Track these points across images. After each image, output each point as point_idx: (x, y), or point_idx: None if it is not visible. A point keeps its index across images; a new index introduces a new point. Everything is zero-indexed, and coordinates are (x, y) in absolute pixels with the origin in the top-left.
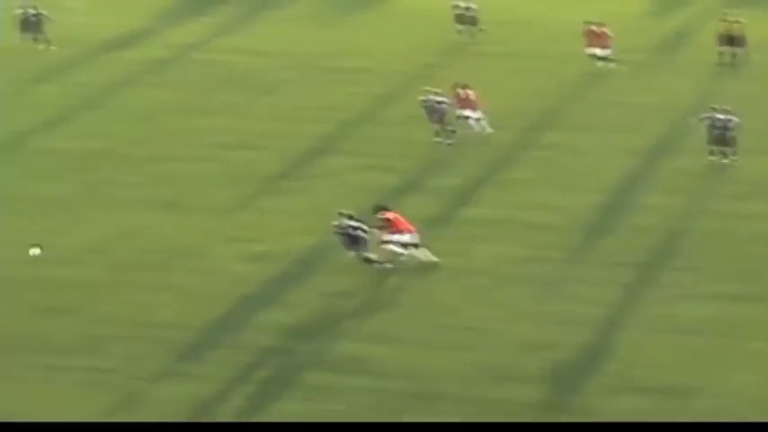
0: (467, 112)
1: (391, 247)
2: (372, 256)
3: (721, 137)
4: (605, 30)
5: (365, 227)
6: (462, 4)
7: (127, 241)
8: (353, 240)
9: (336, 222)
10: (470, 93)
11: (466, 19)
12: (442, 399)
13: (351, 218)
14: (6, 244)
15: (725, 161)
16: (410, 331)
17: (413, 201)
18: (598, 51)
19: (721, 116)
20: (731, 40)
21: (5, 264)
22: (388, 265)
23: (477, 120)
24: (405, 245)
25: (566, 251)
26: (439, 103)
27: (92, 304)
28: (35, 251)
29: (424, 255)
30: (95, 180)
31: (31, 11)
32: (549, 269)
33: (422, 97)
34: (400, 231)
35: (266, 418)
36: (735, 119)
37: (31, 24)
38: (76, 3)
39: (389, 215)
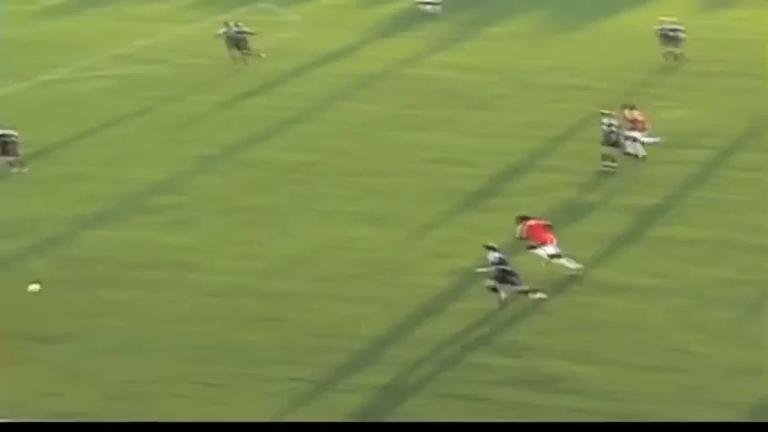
0: (634, 134)
1: (538, 252)
2: (525, 287)
3: None
4: None
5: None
6: (668, 25)
7: (333, 253)
8: (504, 276)
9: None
10: (637, 114)
11: (671, 39)
12: (645, 421)
13: (494, 249)
14: (217, 254)
15: None
16: (611, 351)
17: (610, 218)
18: None
19: None
20: None
21: (217, 274)
22: (541, 295)
23: (643, 143)
24: (551, 256)
25: None
26: (609, 125)
27: (297, 315)
28: (34, 287)
29: (569, 263)
30: (305, 192)
31: (234, 28)
32: (754, 291)
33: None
34: (543, 243)
35: None
36: None
37: (235, 41)
38: (292, 16)
39: (531, 225)
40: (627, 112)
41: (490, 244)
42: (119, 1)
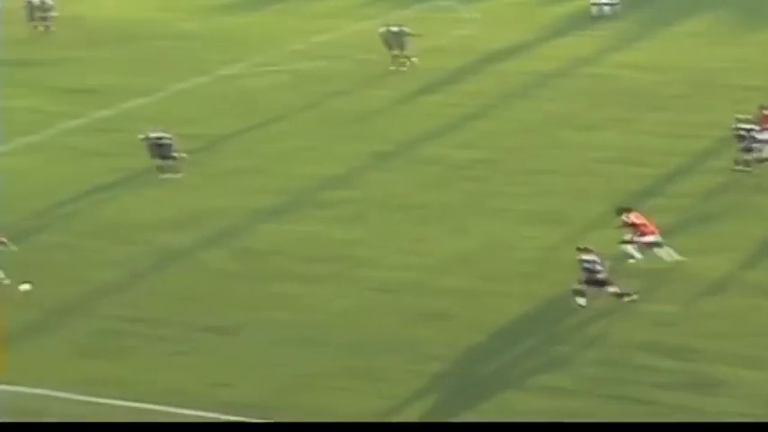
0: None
1: (629, 248)
2: (617, 289)
3: None
4: None
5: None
6: None
7: (504, 251)
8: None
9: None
10: None
11: None
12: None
13: (587, 251)
14: (387, 249)
15: None
16: None
17: None
18: None
19: None
20: None
21: (387, 269)
22: (635, 296)
23: None
24: (648, 244)
25: None
26: (746, 130)
27: (466, 313)
28: (25, 287)
29: (668, 254)
30: (477, 190)
31: (394, 28)
32: None
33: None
34: (643, 234)
35: None
36: None
37: (394, 41)
38: (472, 14)
39: (632, 217)
40: (766, 112)
41: (584, 246)
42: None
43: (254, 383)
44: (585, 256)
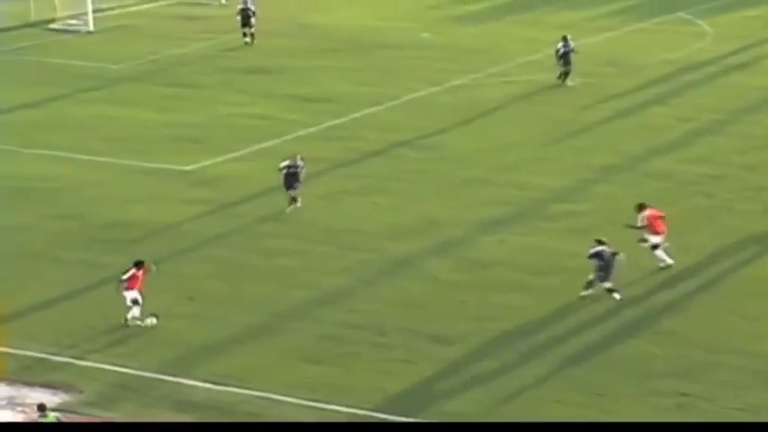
0: None
1: (646, 245)
2: (610, 285)
3: None
4: None
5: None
6: None
7: (731, 269)
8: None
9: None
10: None
11: None
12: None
13: (601, 243)
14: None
15: None
16: None
17: None
18: None
19: None
20: None
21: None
22: (617, 297)
23: None
24: (653, 246)
25: None
26: None
27: (689, 329)
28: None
29: (660, 257)
30: (705, 206)
31: (563, 47)
32: None
33: None
34: (656, 233)
35: None
36: None
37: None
38: (707, 28)
39: (647, 215)
40: None
41: (600, 238)
42: (538, 9)
43: (477, 395)
44: (596, 249)
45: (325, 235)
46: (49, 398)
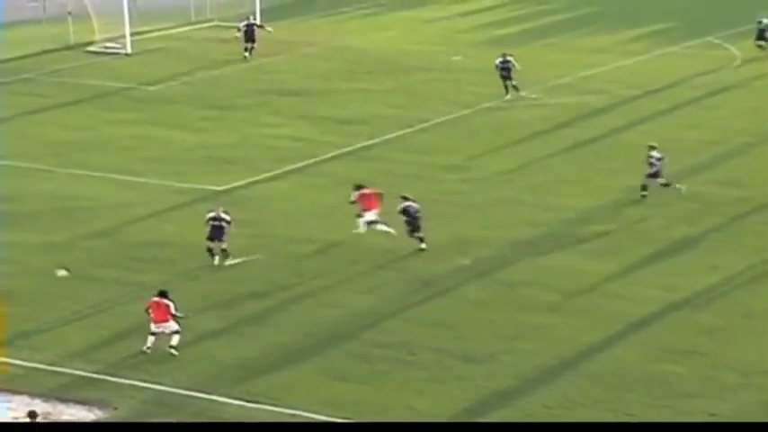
0: None
1: (360, 221)
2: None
3: None
4: None
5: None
6: None
7: (763, 289)
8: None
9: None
10: None
11: None
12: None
13: (407, 199)
14: (640, 283)
15: None
16: None
17: None
18: None
19: None
20: None
21: (639, 303)
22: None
23: None
24: (370, 222)
25: None
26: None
27: (721, 350)
28: (62, 272)
29: (382, 228)
30: (735, 227)
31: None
32: None
33: None
34: (368, 209)
35: None
36: None
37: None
38: (735, 51)
39: (362, 193)
40: None
41: (405, 194)
42: (568, 33)
43: (505, 413)
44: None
45: (356, 254)
46: (84, 414)
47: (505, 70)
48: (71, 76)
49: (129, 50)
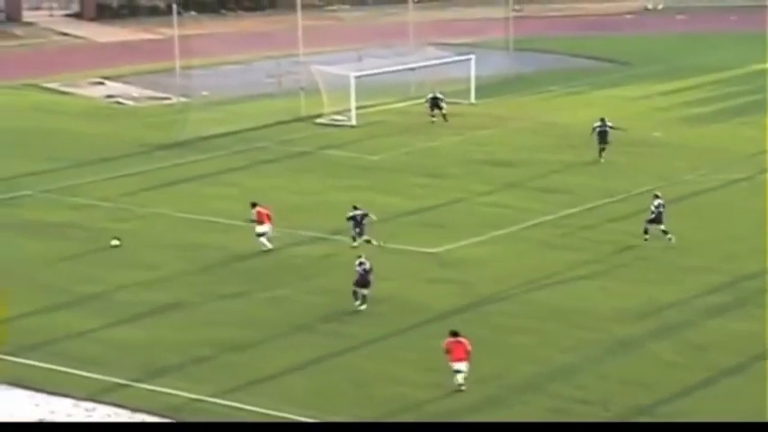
0: None
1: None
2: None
3: None
4: None
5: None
6: None
7: None
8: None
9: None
10: None
11: None
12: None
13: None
14: None
15: None
16: None
17: None
18: None
19: None
20: None
21: None
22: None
23: None
24: (258, 234)
25: None
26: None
27: None
28: (115, 242)
29: (263, 243)
30: None
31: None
32: None
33: None
34: (261, 223)
35: None
36: None
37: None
38: None
39: (258, 210)
40: None
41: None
42: (762, 112)
43: None
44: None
45: (555, 315)
46: None
47: (602, 134)
48: (301, 145)
49: (353, 122)
